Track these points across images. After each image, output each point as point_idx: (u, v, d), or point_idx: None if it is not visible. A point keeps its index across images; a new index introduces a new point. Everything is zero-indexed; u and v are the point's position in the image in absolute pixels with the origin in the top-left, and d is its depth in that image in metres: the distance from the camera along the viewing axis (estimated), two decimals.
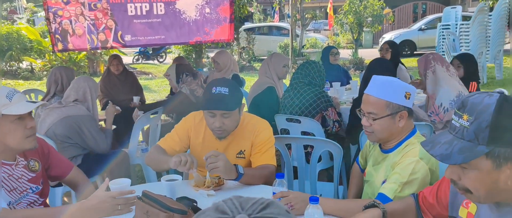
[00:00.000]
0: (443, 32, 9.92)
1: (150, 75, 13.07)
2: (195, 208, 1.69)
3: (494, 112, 1.10)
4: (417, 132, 1.87)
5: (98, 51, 11.64)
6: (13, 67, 12.61)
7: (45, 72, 12.07)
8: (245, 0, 12.66)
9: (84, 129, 3.05)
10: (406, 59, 13.54)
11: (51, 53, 11.87)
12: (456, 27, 9.78)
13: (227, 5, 5.40)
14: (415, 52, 15.59)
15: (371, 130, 1.84)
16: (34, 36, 12.36)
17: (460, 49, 9.00)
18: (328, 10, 16.80)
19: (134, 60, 15.74)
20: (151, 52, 15.74)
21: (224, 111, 2.06)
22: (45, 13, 4.57)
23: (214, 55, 5.05)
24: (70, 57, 11.99)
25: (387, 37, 16.04)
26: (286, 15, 15.37)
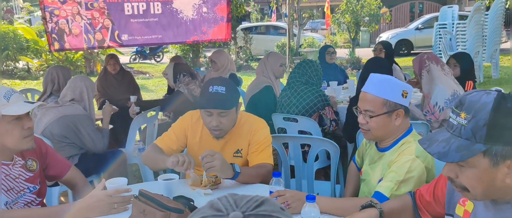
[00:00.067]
0: (439, 31, 9.94)
1: (147, 75, 13.05)
2: (192, 207, 1.69)
3: (492, 110, 1.09)
4: (413, 130, 1.88)
5: (95, 50, 11.62)
6: (9, 67, 12.56)
7: (41, 72, 12.03)
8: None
9: (81, 128, 3.05)
10: (403, 59, 13.59)
11: (48, 52, 11.83)
12: (453, 27, 9.80)
13: (224, 5, 5.40)
14: (412, 51, 15.61)
15: (368, 127, 1.84)
16: (30, 36, 12.31)
17: (457, 48, 9.02)
18: (325, 10, 16.78)
19: (131, 59, 15.72)
20: (148, 51, 15.72)
21: (221, 110, 2.06)
22: (41, 12, 4.56)
23: (211, 54, 5.04)
24: (66, 57, 11.95)
25: (384, 36, 16.09)
26: (283, 15, 15.38)
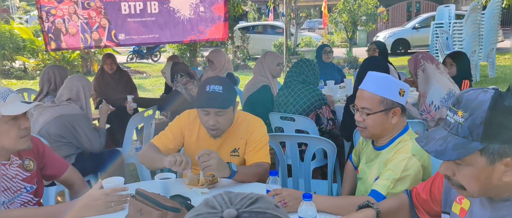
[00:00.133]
0: (436, 30, 9.96)
1: (144, 74, 13.03)
2: (189, 206, 1.69)
3: (489, 108, 1.09)
4: (409, 129, 1.89)
5: (91, 50, 11.59)
6: (6, 67, 12.51)
7: (38, 72, 12.00)
8: None
9: (77, 128, 3.04)
10: (400, 58, 13.63)
11: (44, 52, 11.80)
12: (450, 26, 9.83)
13: (221, 4, 5.39)
14: (409, 50, 15.64)
15: (364, 125, 1.85)
16: (27, 35, 12.28)
17: (454, 48, 9.04)
18: (322, 9, 16.82)
19: (128, 59, 15.70)
20: (145, 51, 15.71)
21: (218, 109, 2.06)
22: (38, 12, 4.53)
23: (208, 54, 5.04)
24: (63, 57, 11.92)
25: (381, 35, 16.12)
26: (281, 14, 15.38)
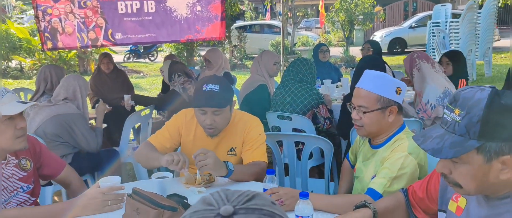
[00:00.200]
0: (433, 29, 9.99)
1: (141, 74, 13.01)
2: (186, 205, 1.69)
3: (486, 106, 1.09)
4: (406, 127, 1.89)
5: (88, 49, 11.56)
6: (2, 66, 12.46)
7: (34, 71, 11.95)
8: None
9: (74, 127, 3.03)
10: (397, 57, 13.65)
11: (41, 52, 11.75)
12: (446, 25, 9.86)
13: (218, 3, 5.39)
14: (406, 50, 15.67)
15: (361, 123, 1.85)
16: (23, 35, 12.23)
17: (450, 47, 9.08)
18: (319, 8, 16.82)
19: (125, 58, 15.67)
20: (142, 50, 15.68)
21: (215, 108, 2.06)
22: (34, 11, 4.52)
23: (205, 53, 5.03)
24: (60, 56, 11.88)
25: (378, 35, 16.15)
26: (278, 13, 15.36)
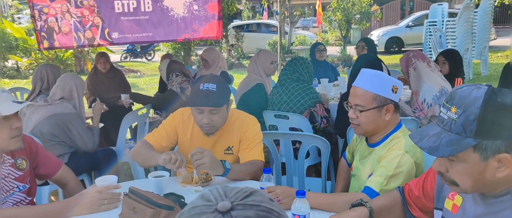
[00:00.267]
0: (429, 29, 10.01)
1: (138, 73, 12.99)
2: (183, 204, 1.69)
3: (482, 104, 1.09)
4: (402, 126, 1.90)
5: (85, 49, 11.54)
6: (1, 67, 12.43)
7: (31, 71, 11.92)
8: None
9: (70, 127, 3.02)
10: (394, 56, 13.67)
11: (37, 51, 11.72)
12: (443, 24, 9.88)
13: (215, 2, 5.38)
14: (403, 49, 15.71)
15: (358, 122, 1.86)
16: (19, 34, 12.18)
17: (447, 46, 9.10)
18: (316, 7, 16.81)
19: (122, 58, 15.63)
20: (139, 50, 15.64)
21: (212, 107, 2.06)
22: (30, 10, 4.51)
23: (202, 52, 5.03)
24: (56, 56, 11.85)
25: (375, 34, 16.18)
26: (275, 13, 15.37)
